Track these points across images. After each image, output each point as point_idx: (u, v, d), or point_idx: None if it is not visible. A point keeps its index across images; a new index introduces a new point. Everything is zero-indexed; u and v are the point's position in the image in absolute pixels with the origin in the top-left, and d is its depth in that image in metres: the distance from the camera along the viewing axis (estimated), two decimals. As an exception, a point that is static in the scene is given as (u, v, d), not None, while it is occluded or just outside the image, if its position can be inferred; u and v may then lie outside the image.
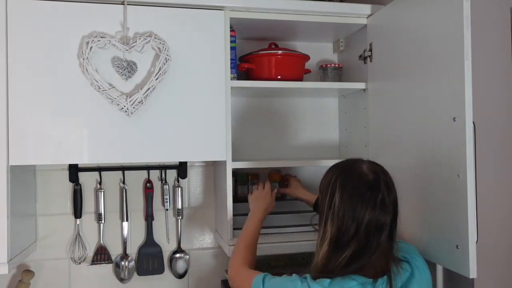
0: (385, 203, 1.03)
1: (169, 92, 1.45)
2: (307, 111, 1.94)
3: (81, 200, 1.70)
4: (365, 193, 1.03)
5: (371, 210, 1.02)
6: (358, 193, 1.03)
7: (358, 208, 1.02)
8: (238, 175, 1.85)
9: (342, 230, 1.03)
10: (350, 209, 1.02)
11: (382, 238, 1.03)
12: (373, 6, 1.61)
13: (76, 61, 1.38)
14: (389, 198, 1.04)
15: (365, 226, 1.01)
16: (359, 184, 1.04)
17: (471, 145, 1.11)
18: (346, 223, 1.02)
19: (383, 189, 1.04)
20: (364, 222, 1.01)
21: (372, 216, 1.02)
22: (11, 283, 1.65)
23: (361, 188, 1.04)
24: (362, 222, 1.01)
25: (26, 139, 1.36)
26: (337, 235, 1.03)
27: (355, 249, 1.01)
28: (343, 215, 1.03)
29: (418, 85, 1.32)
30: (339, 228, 1.03)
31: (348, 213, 1.02)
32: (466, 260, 1.10)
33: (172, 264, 1.77)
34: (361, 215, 1.01)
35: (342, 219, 1.03)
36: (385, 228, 1.03)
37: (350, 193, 1.04)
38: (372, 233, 1.02)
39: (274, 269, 1.72)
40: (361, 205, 1.02)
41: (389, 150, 1.50)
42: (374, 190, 1.03)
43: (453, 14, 1.16)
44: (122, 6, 1.41)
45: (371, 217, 1.02)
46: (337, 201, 1.04)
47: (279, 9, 1.57)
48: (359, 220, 1.01)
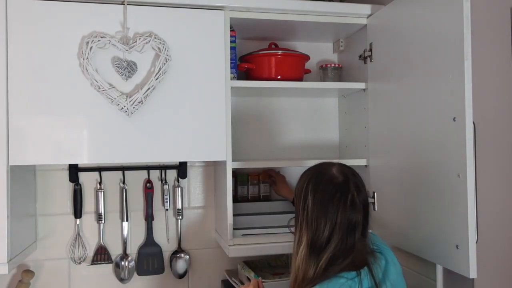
0: (355, 203, 1.06)
1: (169, 92, 1.45)
2: (307, 111, 1.94)
3: (81, 200, 1.70)
4: (335, 195, 1.06)
5: (342, 211, 1.05)
6: (328, 195, 1.07)
7: (330, 209, 1.05)
8: (238, 175, 1.85)
9: (317, 233, 1.05)
10: (323, 211, 1.05)
11: (356, 236, 1.06)
12: (373, 6, 1.61)
13: (76, 61, 1.38)
14: (359, 198, 1.07)
15: (339, 226, 1.04)
16: (329, 187, 1.08)
17: (471, 145, 1.11)
18: (320, 226, 1.05)
19: (353, 190, 1.07)
20: (337, 223, 1.04)
21: (344, 216, 1.05)
22: (11, 283, 1.65)
23: (331, 190, 1.07)
24: (336, 223, 1.04)
25: (26, 139, 1.36)
26: (312, 238, 1.06)
27: (332, 251, 1.04)
28: (317, 217, 1.06)
29: (418, 85, 1.32)
30: (314, 231, 1.06)
31: (321, 215, 1.05)
32: (466, 260, 1.11)
33: (172, 264, 1.77)
34: (333, 216, 1.05)
35: (316, 222, 1.06)
36: (358, 226, 1.06)
37: (321, 196, 1.07)
38: (345, 233, 1.05)
39: (274, 269, 1.73)
40: (332, 207, 1.05)
41: (389, 150, 1.50)
42: (344, 191, 1.07)
43: (453, 14, 1.16)
44: (122, 6, 1.41)
45: (343, 217, 1.05)
46: (310, 204, 1.07)
47: (279, 9, 1.57)
48: (332, 221, 1.04)
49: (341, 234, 1.04)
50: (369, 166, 1.63)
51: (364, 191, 1.11)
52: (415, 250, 1.34)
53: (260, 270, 1.68)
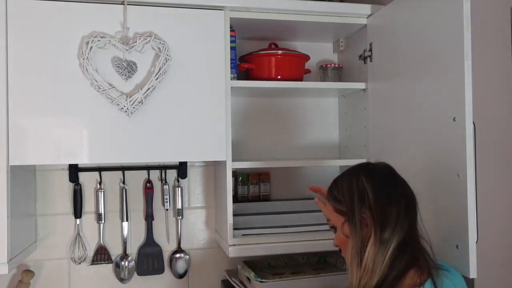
0: (410, 190, 1.07)
1: (169, 92, 1.45)
2: (307, 111, 1.94)
3: (81, 200, 1.70)
4: (391, 180, 1.06)
5: (402, 189, 1.05)
6: (386, 182, 1.05)
7: (392, 192, 1.03)
8: (238, 175, 1.85)
9: (385, 225, 1.00)
10: (387, 203, 1.01)
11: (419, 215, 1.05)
12: (373, 6, 1.61)
13: (76, 61, 1.38)
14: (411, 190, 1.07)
15: (404, 215, 1.01)
16: (383, 174, 1.07)
17: (471, 145, 1.11)
18: (387, 218, 1.00)
19: (404, 180, 1.08)
20: (402, 212, 1.01)
21: (407, 204, 1.03)
22: (11, 283, 1.65)
23: (387, 176, 1.07)
24: (401, 212, 1.01)
25: (26, 139, 1.36)
26: (381, 232, 0.99)
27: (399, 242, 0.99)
28: (382, 209, 1.01)
29: (418, 85, 1.32)
30: (382, 223, 1.00)
31: (386, 206, 1.01)
32: (466, 260, 1.10)
33: (172, 264, 1.77)
34: (399, 206, 1.01)
35: (383, 214, 1.00)
36: (416, 204, 1.05)
37: (382, 188, 1.04)
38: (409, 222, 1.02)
39: (274, 269, 1.73)
40: (395, 196, 1.03)
41: (389, 150, 1.50)
42: (395, 175, 1.08)
43: (453, 14, 1.15)
44: (122, 6, 1.41)
45: (406, 205, 1.02)
46: (371, 199, 1.02)
47: (279, 9, 1.57)
48: (398, 211, 1.01)
49: (405, 222, 1.00)
50: (369, 166, 1.63)
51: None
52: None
53: (260, 270, 1.68)
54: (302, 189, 1.92)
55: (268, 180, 1.89)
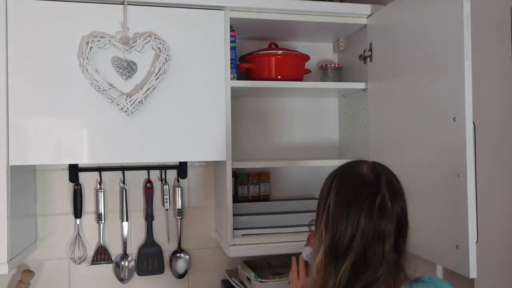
0: (385, 206, 0.90)
1: (169, 92, 1.45)
2: (307, 111, 1.94)
3: (81, 200, 1.70)
4: (361, 194, 0.90)
5: (367, 214, 0.89)
6: (353, 194, 0.91)
7: (353, 210, 0.89)
8: (238, 175, 1.85)
9: (336, 237, 0.90)
10: (344, 213, 0.90)
11: (386, 248, 0.88)
12: (373, 6, 1.61)
13: (76, 61, 1.38)
14: (391, 202, 0.90)
15: (361, 232, 0.88)
16: (356, 185, 0.93)
17: (471, 145, 1.11)
18: (340, 229, 0.90)
19: (384, 191, 0.91)
20: (359, 228, 0.88)
21: (369, 220, 0.88)
22: (11, 283, 1.65)
23: (358, 189, 0.92)
24: (358, 227, 0.88)
25: (26, 139, 1.36)
26: (331, 243, 0.91)
27: (353, 261, 0.88)
28: (337, 219, 0.91)
29: (418, 85, 1.32)
30: (334, 235, 0.91)
31: (342, 217, 0.90)
32: (466, 260, 1.10)
33: (172, 264, 1.77)
34: (356, 219, 0.89)
35: (336, 224, 0.90)
36: (388, 236, 0.89)
37: (345, 195, 0.92)
38: (370, 242, 0.88)
39: (274, 269, 1.72)
40: (356, 207, 0.89)
41: (389, 150, 1.50)
42: (373, 191, 0.90)
43: (453, 14, 1.16)
44: (122, 6, 1.41)
45: (368, 222, 0.88)
46: (331, 204, 0.93)
47: (279, 9, 1.57)
48: (353, 224, 0.89)
49: (364, 241, 0.88)
50: (369, 166, 1.63)
51: (402, 197, 0.94)
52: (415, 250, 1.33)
53: (260, 270, 1.68)
54: (302, 189, 1.92)
55: (268, 180, 1.89)
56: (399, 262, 0.92)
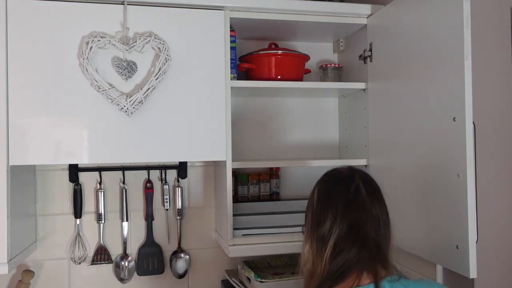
0: (360, 192, 1.01)
1: (169, 92, 1.45)
2: (307, 111, 1.94)
3: (81, 200, 1.70)
4: (338, 186, 1.03)
5: (344, 202, 1.00)
6: (332, 188, 1.04)
7: (333, 200, 1.01)
8: (238, 175, 1.85)
9: (319, 226, 1.01)
10: (326, 204, 1.02)
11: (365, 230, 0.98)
12: (373, 6, 1.61)
13: (76, 61, 1.38)
14: (366, 189, 1.02)
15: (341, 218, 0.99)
16: (333, 180, 1.06)
17: (471, 145, 1.11)
18: (323, 218, 1.01)
19: (358, 180, 1.03)
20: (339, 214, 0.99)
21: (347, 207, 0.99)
22: (11, 283, 1.65)
23: (335, 183, 1.05)
24: (337, 214, 0.99)
25: (26, 139, 1.36)
26: (316, 232, 1.01)
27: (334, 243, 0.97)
28: (320, 211, 1.03)
29: (418, 85, 1.32)
30: (318, 226, 1.01)
31: (323, 208, 1.02)
32: (466, 260, 1.10)
33: (172, 264, 1.77)
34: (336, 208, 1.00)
35: (319, 216, 1.02)
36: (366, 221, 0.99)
37: (325, 190, 1.05)
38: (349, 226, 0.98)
39: (274, 269, 1.73)
40: (335, 198, 1.02)
41: (389, 150, 1.50)
42: (348, 182, 1.03)
43: (453, 14, 1.16)
44: (122, 6, 1.41)
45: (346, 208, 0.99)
46: (315, 201, 1.05)
47: (279, 9, 1.57)
48: (333, 213, 1.00)
49: (343, 225, 0.98)
50: (369, 166, 1.63)
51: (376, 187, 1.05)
52: (415, 250, 1.34)
53: (260, 270, 1.68)
54: (302, 189, 1.92)
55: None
56: (381, 248, 0.99)
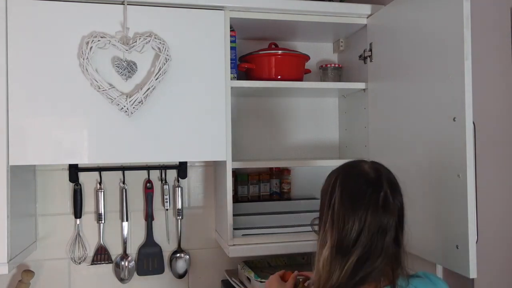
0: (388, 202, 0.95)
1: (169, 92, 1.45)
2: (307, 111, 1.94)
3: (81, 200, 1.70)
4: (366, 191, 0.96)
5: (373, 209, 0.94)
6: (358, 191, 0.96)
7: (359, 207, 0.94)
8: (238, 175, 1.85)
9: (343, 233, 0.95)
10: (351, 209, 0.95)
11: (387, 240, 0.94)
12: (373, 6, 1.61)
13: (76, 61, 1.38)
14: (392, 197, 0.96)
15: (368, 227, 0.93)
16: (360, 183, 0.98)
17: (471, 145, 1.11)
18: (347, 225, 0.94)
19: (386, 188, 0.96)
20: (366, 223, 0.93)
21: (375, 215, 0.94)
22: (11, 283, 1.65)
23: (362, 186, 0.97)
24: (365, 223, 0.93)
25: (26, 139, 1.36)
26: (338, 239, 0.95)
27: (360, 255, 0.93)
28: (344, 215, 0.95)
29: (418, 85, 1.32)
30: (340, 232, 0.95)
31: (348, 213, 0.95)
32: (466, 260, 1.10)
33: (172, 264, 1.77)
34: (363, 215, 0.94)
35: (343, 221, 0.95)
36: (390, 229, 0.95)
37: (350, 193, 0.97)
38: (375, 236, 0.93)
39: (274, 269, 1.72)
40: (362, 204, 0.95)
41: (389, 150, 1.50)
42: (376, 188, 0.96)
43: (453, 14, 1.16)
44: (122, 6, 1.41)
45: (373, 217, 0.94)
46: (337, 201, 0.97)
47: (279, 9, 1.57)
48: (361, 220, 0.93)
49: (370, 236, 0.93)
50: (369, 166, 1.63)
51: (400, 192, 0.99)
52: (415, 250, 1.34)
53: (260, 270, 1.68)
54: (302, 189, 1.92)
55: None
56: (398, 255, 0.97)
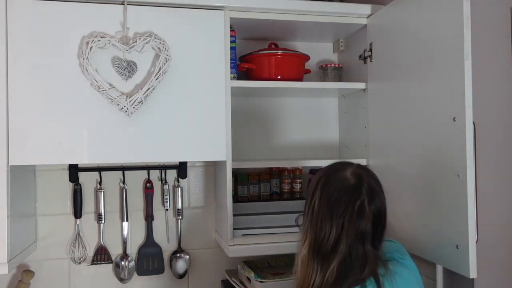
0: (363, 210, 0.98)
1: (169, 92, 1.45)
2: (307, 111, 1.94)
3: (81, 200, 1.70)
4: (342, 197, 0.99)
5: (348, 217, 0.97)
6: (335, 197, 0.99)
7: (335, 213, 0.98)
8: (238, 175, 1.85)
9: (320, 235, 0.98)
10: (327, 215, 0.99)
11: (366, 247, 0.98)
12: (373, 6, 1.61)
13: (76, 61, 1.38)
14: (370, 206, 0.99)
15: (346, 233, 0.97)
16: (338, 189, 1.00)
17: (471, 145, 1.11)
18: (324, 229, 0.98)
19: (363, 196, 0.99)
20: (344, 229, 0.97)
21: (350, 222, 0.97)
22: (11, 283, 1.65)
23: (339, 192, 1.00)
24: (342, 229, 0.97)
25: (26, 139, 1.36)
26: (315, 240, 0.99)
27: (339, 262, 0.97)
28: (321, 219, 0.99)
29: (418, 85, 1.32)
30: (317, 234, 0.99)
31: (325, 218, 0.99)
32: (466, 260, 1.11)
33: (172, 264, 1.77)
34: (339, 221, 0.97)
35: (320, 224, 0.99)
36: (367, 236, 0.98)
37: (328, 198, 1.00)
38: (355, 241, 0.97)
39: (274, 269, 1.72)
40: (338, 211, 0.98)
41: (389, 150, 1.50)
42: (353, 196, 0.99)
43: (453, 14, 1.16)
44: (122, 6, 1.41)
45: (350, 223, 0.97)
46: (316, 204, 1.01)
47: (279, 9, 1.57)
48: (338, 226, 0.97)
49: (349, 242, 0.97)
50: (369, 166, 1.63)
51: (379, 198, 1.02)
52: (415, 250, 1.34)
53: (260, 270, 1.68)
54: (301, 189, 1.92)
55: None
56: (377, 254, 1.01)
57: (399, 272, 1.02)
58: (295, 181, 1.88)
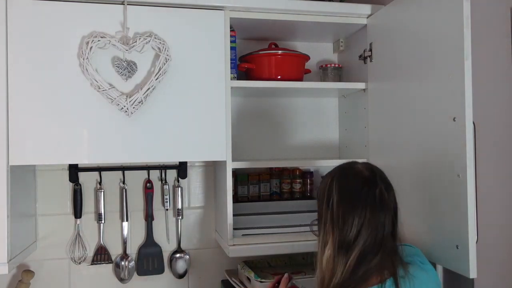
0: (383, 197, 1.02)
1: (169, 92, 1.45)
2: (307, 111, 1.94)
3: (81, 200, 1.70)
4: (362, 189, 1.02)
5: (371, 207, 1.00)
6: (355, 190, 1.02)
7: (358, 205, 1.00)
8: (238, 175, 1.85)
9: (344, 231, 1.00)
10: (350, 208, 1.01)
11: (385, 235, 1.01)
12: (373, 6, 1.61)
13: (76, 61, 1.38)
14: (387, 193, 1.03)
15: (368, 222, 0.99)
16: (356, 181, 1.04)
17: (471, 145, 1.11)
18: (347, 223, 1.00)
19: (380, 184, 1.03)
20: (366, 219, 0.99)
21: (373, 212, 1.00)
22: (11, 283, 1.65)
23: (358, 185, 1.03)
24: (365, 219, 0.99)
25: (26, 139, 1.36)
26: (339, 237, 1.00)
27: (361, 250, 0.99)
28: (344, 215, 1.01)
29: (418, 85, 1.32)
30: (341, 230, 1.00)
31: (348, 212, 1.00)
32: (466, 260, 1.11)
33: (172, 264, 1.77)
34: (362, 212, 0.99)
35: (343, 220, 1.00)
36: (387, 224, 1.01)
37: (347, 192, 1.03)
38: (374, 231, 0.99)
39: (274, 269, 1.72)
40: (360, 201, 1.01)
41: (389, 150, 1.50)
42: (372, 186, 1.02)
43: (453, 14, 1.16)
44: (122, 6, 1.41)
45: (372, 213, 1.00)
46: (335, 202, 1.02)
47: (279, 9, 1.57)
48: (361, 217, 0.99)
49: (370, 230, 0.99)
50: (369, 166, 1.63)
51: (393, 190, 1.06)
52: (415, 250, 1.34)
53: (260, 270, 1.68)
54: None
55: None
56: (396, 248, 1.04)
57: (418, 277, 1.03)
58: (295, 181, 1.89)
